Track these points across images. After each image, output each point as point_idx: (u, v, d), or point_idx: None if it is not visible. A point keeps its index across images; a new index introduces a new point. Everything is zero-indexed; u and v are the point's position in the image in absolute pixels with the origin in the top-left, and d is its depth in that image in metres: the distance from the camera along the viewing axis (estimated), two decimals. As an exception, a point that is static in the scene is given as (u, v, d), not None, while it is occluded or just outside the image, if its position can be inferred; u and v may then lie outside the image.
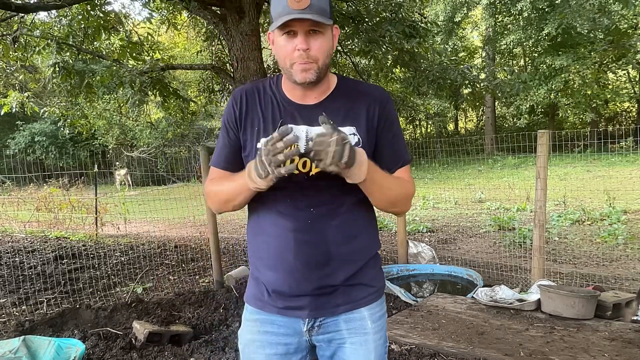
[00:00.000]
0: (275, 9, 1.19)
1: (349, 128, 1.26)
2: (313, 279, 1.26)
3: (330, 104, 1.28)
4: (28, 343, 2.83)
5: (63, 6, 5.19)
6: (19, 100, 7.03)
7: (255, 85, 1.34)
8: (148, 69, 6.13)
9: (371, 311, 1.35)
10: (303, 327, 1.32)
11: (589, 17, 16.04)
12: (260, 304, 1.34)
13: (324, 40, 1.21)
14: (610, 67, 20.18)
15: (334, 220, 1.26)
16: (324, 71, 1.24)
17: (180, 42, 17.21)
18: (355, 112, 1.28)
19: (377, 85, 1.45)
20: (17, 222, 8.62)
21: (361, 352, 1.32)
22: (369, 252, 1.36)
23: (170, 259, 5.93)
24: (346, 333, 1.32)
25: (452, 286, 4.58)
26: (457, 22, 20.97)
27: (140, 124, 18.54)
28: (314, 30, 1.18)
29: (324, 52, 1.21)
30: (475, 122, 30.51)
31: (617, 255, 5.33)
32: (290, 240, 1.25)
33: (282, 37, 1.20)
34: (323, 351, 1.37)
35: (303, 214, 1.25)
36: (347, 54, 7.35)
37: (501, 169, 15.77)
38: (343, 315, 1.31)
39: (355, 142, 1.25)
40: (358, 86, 1.35)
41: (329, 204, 1.26)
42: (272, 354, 1.33)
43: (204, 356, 3.03)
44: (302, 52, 1.17)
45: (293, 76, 1.22)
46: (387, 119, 1.31)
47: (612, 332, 3.08)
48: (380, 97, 1.31)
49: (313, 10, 1.14)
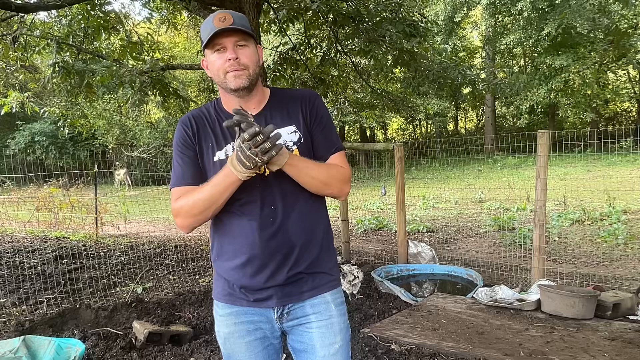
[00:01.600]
0: (204, 32, 1.37)
1: (289, 127, 1.43)
2: (280, 271, 1.39)
3: (269, 111, 1.45)
4: (28, 343, 2.83)
5: (63, 6, 5.19)
6: (19, 100, 7.02)
7: (199, 110, 1.50)
8: (148, 68, 6.13)
9: (333, 296, 1.48)
10: (274, 315, 1.45)
11: (589, 17, 16.04)
12: (231, 298, 1.46)
13: (251, 52, 1.38)
14: (610, 67, 20.17)
15: (292, 214, 1.40)
16: (255, 79, 1.40)
17: (180, 42, 17.22)
18: (292, 113, 1.46)
19: (306, 89, 1.67)
20: (17, 222, 8.62)
21: (327, 335, 1.45)
22: (325, 241, 1.49)
23: (170, 259, 5.93)
24: (313, 317, 1.45)
25: (452, 286, 4.58)
26: (457, 22, 20.96)
27: (140, 124, 18.56)
28: (240, 45, 1.36)
29: (253, 61, 1.38)
30: (475, 122, 30.50)
31: (617, 255, 5.33)
32: (256, 238, 1.37)
33: (214, 54, 1.38)
34: (294, 336, 1.48)
35: (265, 211, 1.38)
36: (347, 54, 7.34)
37: (501, 169, 15.78)
38: (308, 301, 1.44)
39: (297, 138, 1.42)
40: (290, 92, 1.54)
41: (286, 200, 1.39)
42: (252, 339, 1.46)
43: (204, 356, 3.03)
44: (233, 60, 1.34)
45: (227, 84, 1.38)
46: (317, 114, 1.47)
47: (612, 332, 3.08)
48: (309, 96, 1.49)
49: (236, 25, 1.33)
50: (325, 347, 1.44)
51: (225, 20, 1.33)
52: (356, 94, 10.77)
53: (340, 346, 1.46)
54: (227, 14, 1.34)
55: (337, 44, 6.94)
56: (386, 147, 5.37)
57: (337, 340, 1.45)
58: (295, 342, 1.49)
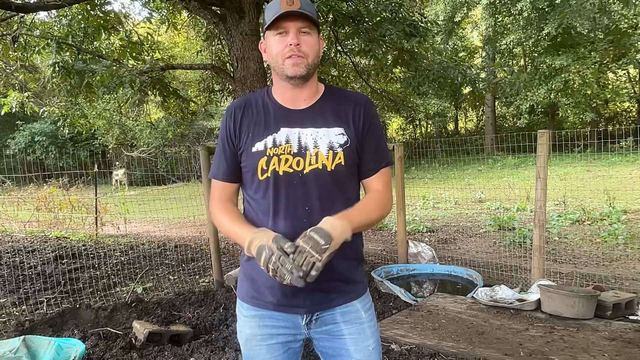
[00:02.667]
0: (269, 12, 1.31)
1: (337, 128, 1.37)
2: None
3: (320, 107, 1.39)
4: (28, 343, 2.83)
5: (63, 6, 5.19)
6: (19, 100, 7.02)
7: (246, 98, 1.45)
8: (148, 68, 6.13)
9: (362, 303, 1.44)
10: (301, 322, 1.40)
11: (589, 16, 16.03)
12: (257, 302, 1.41)
13: (313, 41, 1.33)
14: (611, 67, 20.13)
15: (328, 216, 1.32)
16: (313, 69, 1.35)
17: (180, 42, 17.20)
18: (343, 114, 1.39)
19: (361, 93, 1.59)
20: (17, 222, 8.62)
21: (361, 340, 1.41)
22: (360, 249, 1.45)
23: (170, 259, 5.93)
24: (343, 325, 1.40)
25: (452, 286, 4.58)
26: (457, 22, 20.94)
27: (140, 124, 18.53)
28: (303, 32, 1.31)
29: (313, 50, 1.33)
30: (475, 122, 30.49)
31: (617, 255, 5.33)
32: (289, 239, 1.28)
33: (275, 37, 1.32)
34: (323, 342, 1.44)
35: (299, 212, 1.32)
36: (347, 54, 7.34)
37: (501, 169, 15.77)
38: (338, 308, 1.39)
39: (344, 141, 1.36)
40: (344, 92, 1.47)
41: (322, 201, 1.33)
42: (274, 343, 1.41)
43: (204, 356, 3.03)
44: (294, 46, 1.29)
45: (285, 71, 1.32)
46: (371, 122, 1.41)
47: (612, 332, 3.08)
48: (364, 102, 1.43)
49: (304, 10, 1.28)
50: (359, 351, 1.40)
51: (293, 3, 1.27)
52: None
53: (373, 348, 1.43)
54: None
55: (337, 44, 6.94)
56: (386, 147, 5.36)
57: (370, 342, 1.42)
58: (327, 347, 1.44)
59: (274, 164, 1.31)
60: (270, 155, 1.32)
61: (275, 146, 1.33)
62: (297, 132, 1.33)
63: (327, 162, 1.32)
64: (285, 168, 1.31)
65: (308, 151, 1.32)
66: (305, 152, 1.32)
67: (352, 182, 1.40)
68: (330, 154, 1.32)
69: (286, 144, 1.33)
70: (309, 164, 1.31)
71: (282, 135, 1.34)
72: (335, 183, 1.33)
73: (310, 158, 1.31)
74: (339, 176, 1.34)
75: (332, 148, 1.33)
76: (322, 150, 1.32)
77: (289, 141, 1.33)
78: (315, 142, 1.33)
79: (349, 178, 1.38)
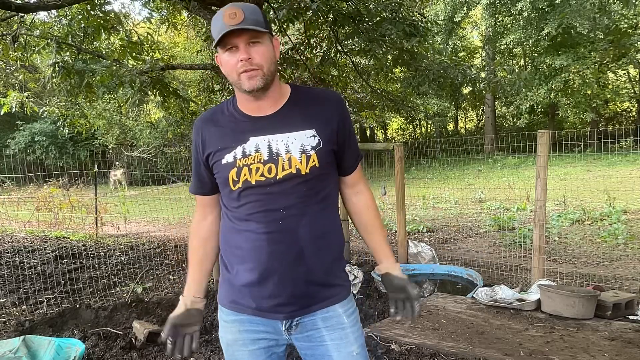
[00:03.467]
0: (214, 29, 1.28)
1: (308, 130, 1.34)
2: (288, 280, 1.33)
3: (287, 112, 1.36)
4: (28, 343, 2.83)
5: (63, 6, 5.19)
6: (18, 100, 7.01)
7: (213, 111, 1.44)
8: (148, 68, 6.12)
9: (344, 307, 1.41)
10: (282, 327, 1.39)
11: (589, 16, 16.03)
12: (237, 306, 1.41)
13: (264, 49, 1.29)
14: (611, 67, 20.14)
15: (303, 218, 1.32)
16: (271, 78, 1.31)
17: (180, 42, 17.21)
18: (313, 115, 1.36)
19: (329, 90, 1.56)
20: (17, 222, 8.62)
21: (343, 345, 1.39)
22: (337, 249, 1.43)
23: (170, 259, 5.93)
24: (325, 331, 1.38)
25: (452, 286, 4.58)
26: (457, 22, 20.94)
27: (140, 124, 18.54)
28: (253, 42, 1.27)
29: (267, 59, 1.29)
30: (475, 122, 30.49)
31: (617, 255, 5.33)
32: (264, 242, 1.31)
33: (226, 53, 1.29)
34: (305, 350, 1.43)
35: (273, 215, 1.32)
36: (347, 54, 7.34)
37: (501, 169, 15.76)
38: (319, 313, 1.38)
39: (316, 142, 1.34)
40: (312, 91, 1.45)
41: (297, 204, 1.33)
42: (256, 349, 1.41)
43: (203, 356, 3.03)
44: (245, 61, 1.26)
45: (242, 86, 1.30)
46: (344, 123, 1.40)
47: (612, 332, 3.08)
48: (336, 99, 1.41)
49: (247, 23, 1.24)
50: (343, 357, 1.38)
51: (236, 16, 1.23)
52: (356, 94, 10.76)
53: (358, 353, 1.41)
54: (238, 10, 1.24)
55: (337, 43, 6.94)
56: (386, 147, 5.37)
57: (354, 348, 1.40)
58: (309, 355, 1.42)
59: (245, 174, 1.31)
60: (240, 167, 1.31)
61: (245, 156, 1.32)
62: (267, 139, 1.32)
63: (301, 166, 1.31)
64: (257, 177, 1.31)
65: (280, 157, 1.31)
66: (277, 158, 1.31)
67: (326, 181, 1.39)
68: (303, 157, 1.31)
69: (256, 152, 1.31)
70: (282, 170, 1.30)
71: (251, 145, 1.33)
72: (310, 185, 1.33)
73: (283, 164, 1.30)
74: (314, 178, 1.34)
75: (305, 152, 1.32)
76: (294, 155, 1.31)
77: (259, 149, 1.32)
78: (287, 147, 1.31)
79: (324, 178, 1.37)
